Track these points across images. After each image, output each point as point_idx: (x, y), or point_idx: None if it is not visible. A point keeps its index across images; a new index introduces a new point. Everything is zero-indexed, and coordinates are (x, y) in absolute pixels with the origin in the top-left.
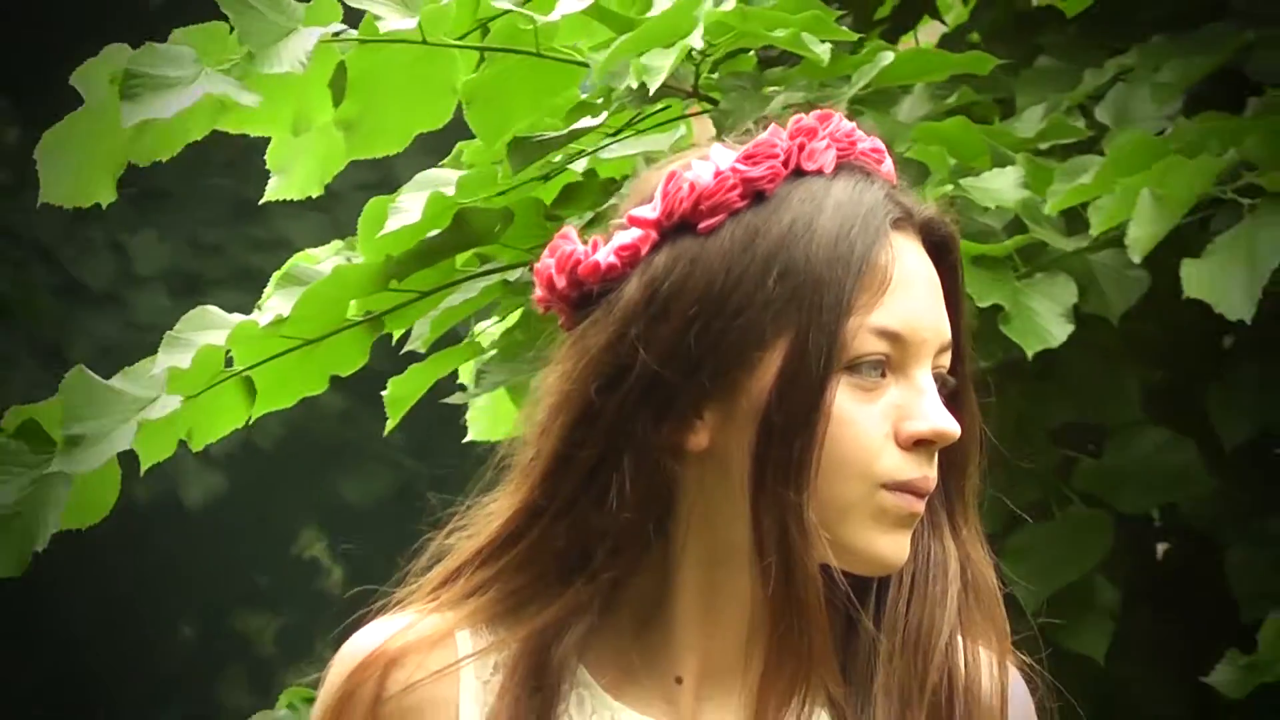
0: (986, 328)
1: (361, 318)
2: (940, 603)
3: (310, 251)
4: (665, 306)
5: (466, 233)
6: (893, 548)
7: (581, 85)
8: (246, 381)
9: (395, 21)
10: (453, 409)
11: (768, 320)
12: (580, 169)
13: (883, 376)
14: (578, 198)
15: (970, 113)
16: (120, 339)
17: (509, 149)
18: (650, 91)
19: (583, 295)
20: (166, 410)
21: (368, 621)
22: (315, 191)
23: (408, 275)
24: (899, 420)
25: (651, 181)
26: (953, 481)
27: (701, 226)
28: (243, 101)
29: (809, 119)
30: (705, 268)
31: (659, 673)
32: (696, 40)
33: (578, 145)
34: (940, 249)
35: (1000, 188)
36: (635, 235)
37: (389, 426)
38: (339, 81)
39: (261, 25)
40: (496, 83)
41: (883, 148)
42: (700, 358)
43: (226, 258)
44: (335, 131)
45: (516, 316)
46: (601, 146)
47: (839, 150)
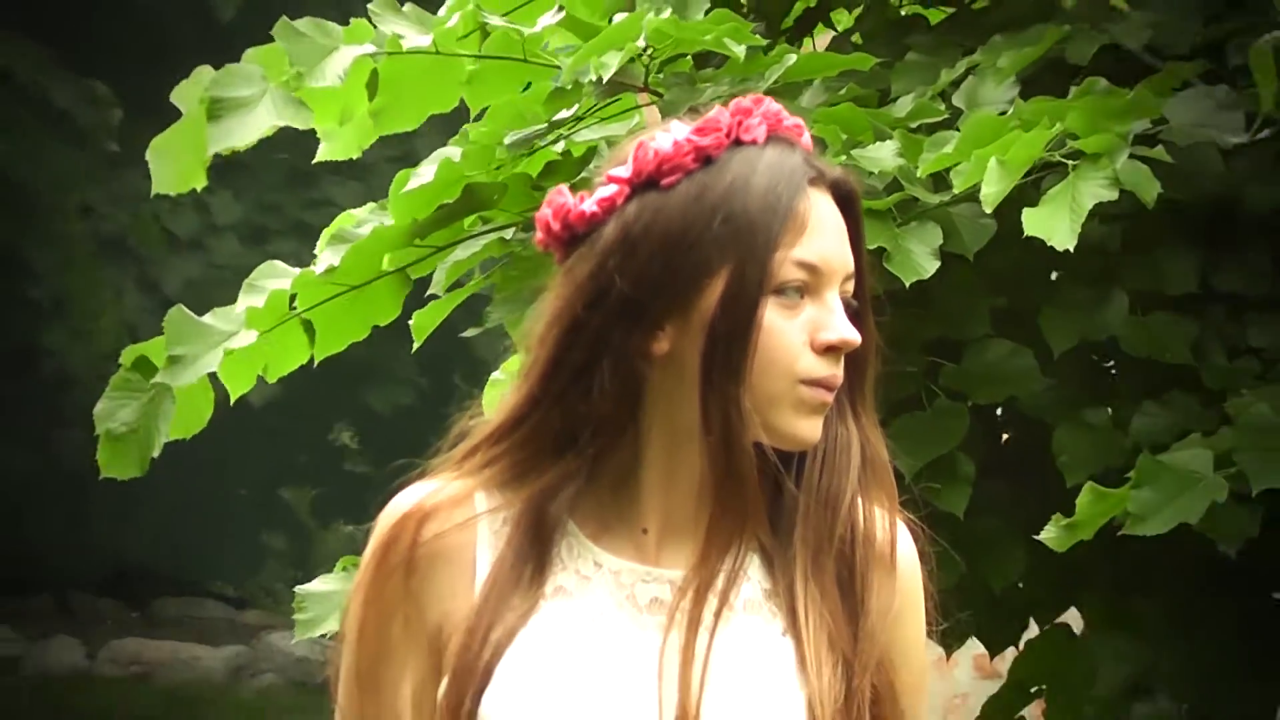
0: (872, 264)
1: (393, 269)
2: (845, 471)
3: (351, 212)
4: (635, 244)
5: (472, 201)
6: (809, 429)
7: (554, 79)
8: (307, 323)
9: (414, 39)
10: (458, 340)
11: (714, 254)
12: (559, 150)
13: (801, 298)
14: (557, 172)
15: (856, 99)
16: (203, 276)
17: (509, 144)
18: (604, 81)
19: (572, 236)
20: (246, 343)
21: (406, 486)
22: (354, 154)
23: (428, 234)
24: (814, 331)
25: (625, 149)
26: (855, 379)
27: (664, 183)
28: (298, 123)
29: (746, 101)
30: (666, 214)
31: (630, 525)
32: (641, 42)
33: (555, 132)
34: (846, 202)
35: (881, 157)
36: (612, 190)
37: (414, 348)
38: (373, 84)
39: (309, 48)
40: (490, 79)
41: (803, 124)
42: (662, 283)
43: (284, 214)
44: (369, 120)
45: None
46: (574, 131)
47: (769, 126)
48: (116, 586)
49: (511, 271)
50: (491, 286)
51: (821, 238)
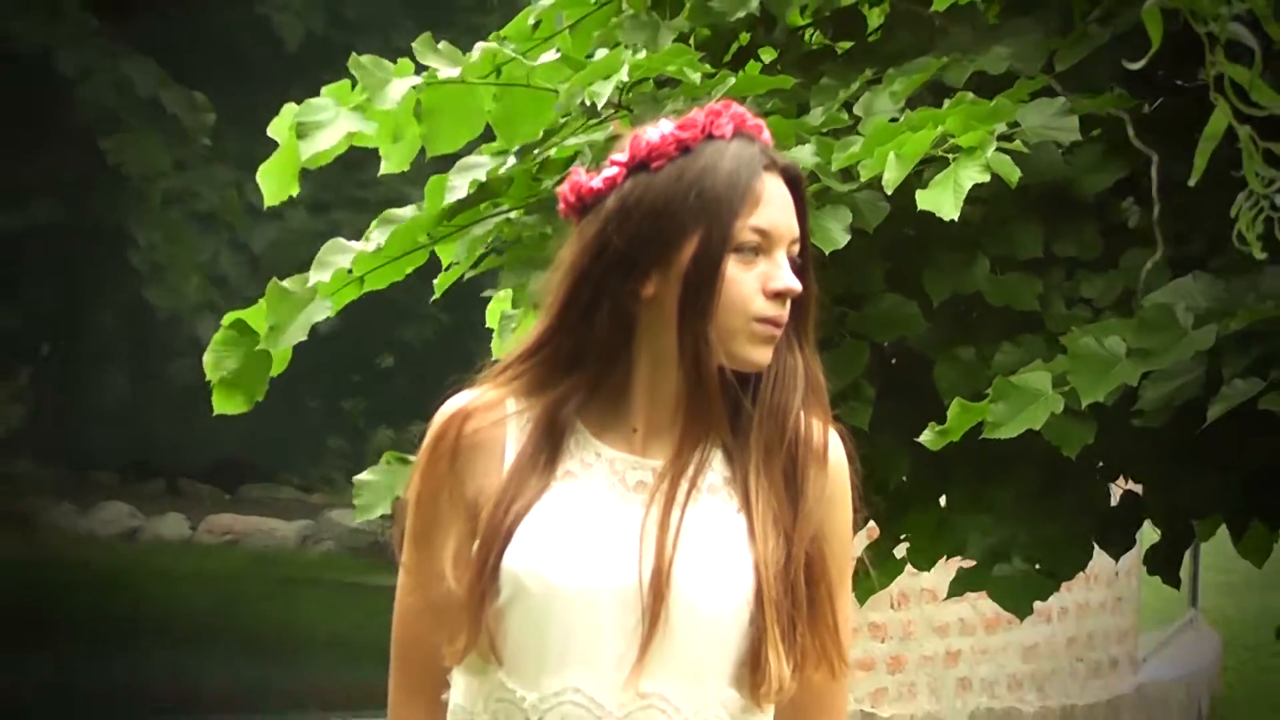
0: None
1: (426, 243)
2: (792, 391)
3: (391, 211)
4: (629, 212)
5: (487, 191)
6: (760, 355)
7: (556, 105)
8: (360, 282)
9: (446, 71)
10: (471, 290)
11: (689, 221)
12: (552, 153)
13: (756, 256)
14: (549, 169)
15: (781, 113)
16: (279, 239)
17: (517, 151)
18: (599, 107)
19: (584, 205)
20: (319, 311)
21: (454, 393)
22: (405, 168)
23: (454, 217)
24: (765, 281)
25: (625, 140)
26: (799, 319)
27: (652, 166)
28: (365, 130)
29: (718, 105)
30: (653, 190)
31: (623, 426)
32: (624, 75)
33: (549, 140)
34: (794, 183)
35: (802, 156)
36: (614, 171)
37: (434, 297)
38: (418, 110)
39: (375, 78)
40: (506, 106)
41: (762, 124)
42: (649, 242)
43: (341, 190)
44: (416, 138)
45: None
46: (563, 139)
47: (735, 124)
48: (214, 475)
49: (517, 248)
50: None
51: (772, 210)
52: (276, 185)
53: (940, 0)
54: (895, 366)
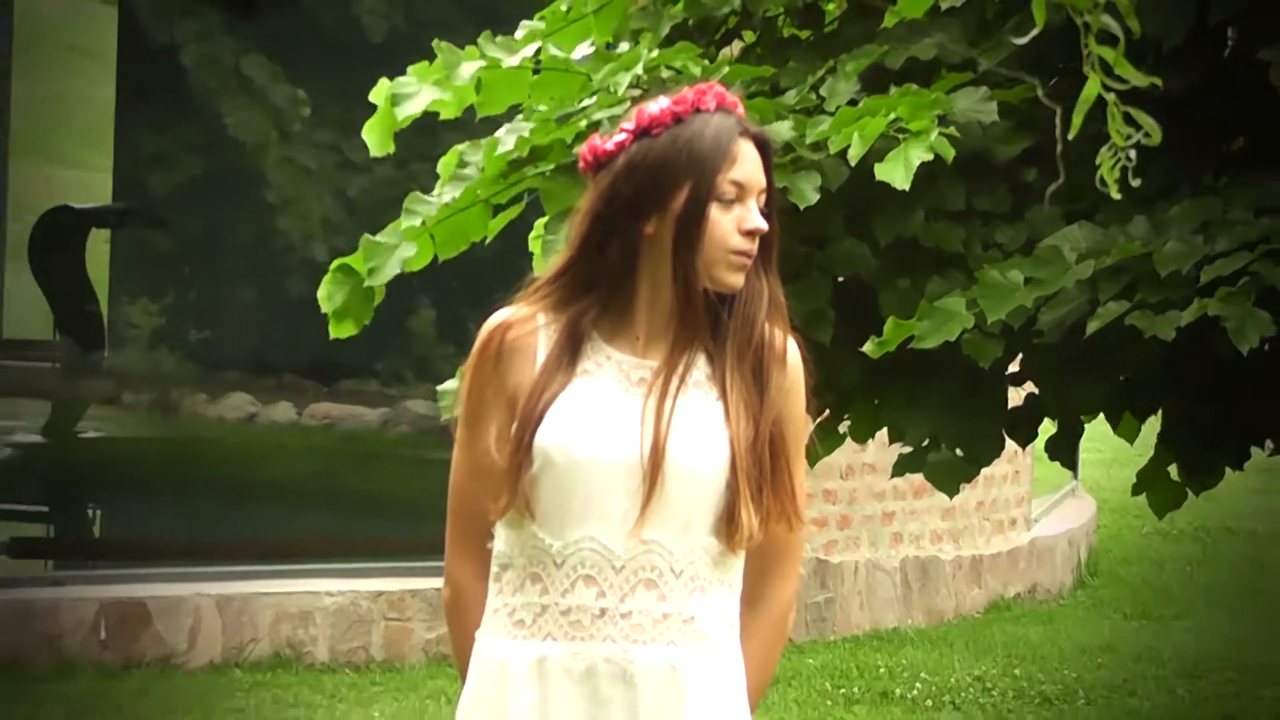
0: (777, 194)
1: (485, 198)
2: (759, 305)
3: (457, 147)
4: (635, 168)
5: (533, 155)
6: (735, 279)
7: (587, 88)
8: (432, 236)
9: (509, 61)
10: (521, 236)
11: (681, 175)
12: (583, 125)
13: (733, 203)
14: (578, 139)
15: (762, 94)
16: (369, 187)
17: (559, 118)
18: (620, 92)
19: (599, 163)
20: (406, 254)
21: (497, 309)
22: (456, 115)
23: (507, 178)
24: (740, 222)
25: (631, 111)
26: (765, 252)
27: (653, 132)
28: (443, 98)
29: (704, 86)
30: (654, 151)
31: (628, 334)
32: (639, 69)
33: (581, 113)
34: (762, 147)
35: (780, 130)
36: (623, 136)
37: (489, 239)
38: (478, 86)
39: (451, 59)
40: (545, 84)
41: (738, 100)
42: (650, 191)
43: (417, 149)
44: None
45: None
46: (591, 114)
47: (717, 100)
48: (316, 372)
49: (551, 200)
50: (533, 205)
51: (746, 167)
52: (377, 140)
53: (888, 18)
54: (850, 295)
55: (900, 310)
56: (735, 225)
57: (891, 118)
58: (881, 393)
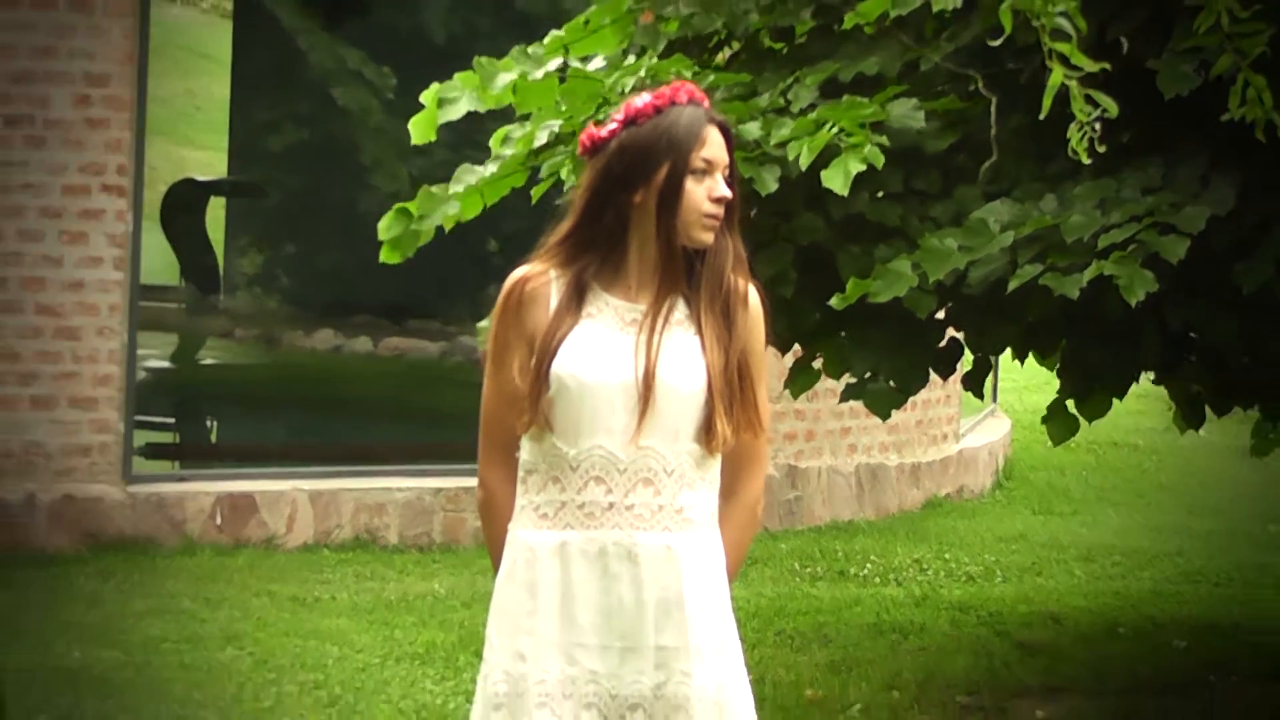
0: (743, 182)
1: (520, 169)
2: (726, 258)
3: (504, 129)
4: (624, 150)
5: (558, 140)
6: (707, 237)
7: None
8: (480, 194)
9: (534, 74)
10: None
11: (662, 155)
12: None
13: (704, 176)
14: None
15: (739, 97)
16: (428, 164)
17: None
18: (624, 91)
19: (595, 147)
20: (450, 210)
21: (519, 265)
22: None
23: (538, 156)
24: (709, 191)
25: (620, 105)
26: (730, 216)
27: (639, 121)
28: (478, 108)
29: (678, 84)
30: (639, 136)
31: (622, 283)
32: (642, 73)
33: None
34: (725, 131)
35: (751, 129)
36: (614, 125)
37: (535, 199)
38: (515, 90)
39: (489, 71)
40: (571, 89)
41: (705, 96)
42: (637, 168)
43: (466, 135)
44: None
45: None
46: (603, 111)
47: (689, 95)
48: (388, 311)
49: (572, 175)
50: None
51: (713, 148)
52: (419, 132)
53: (848, 20)
54: (808, 259)
55: (855, 271)
56: (706, 194)
57: (835, 131)
58: (835, 336)
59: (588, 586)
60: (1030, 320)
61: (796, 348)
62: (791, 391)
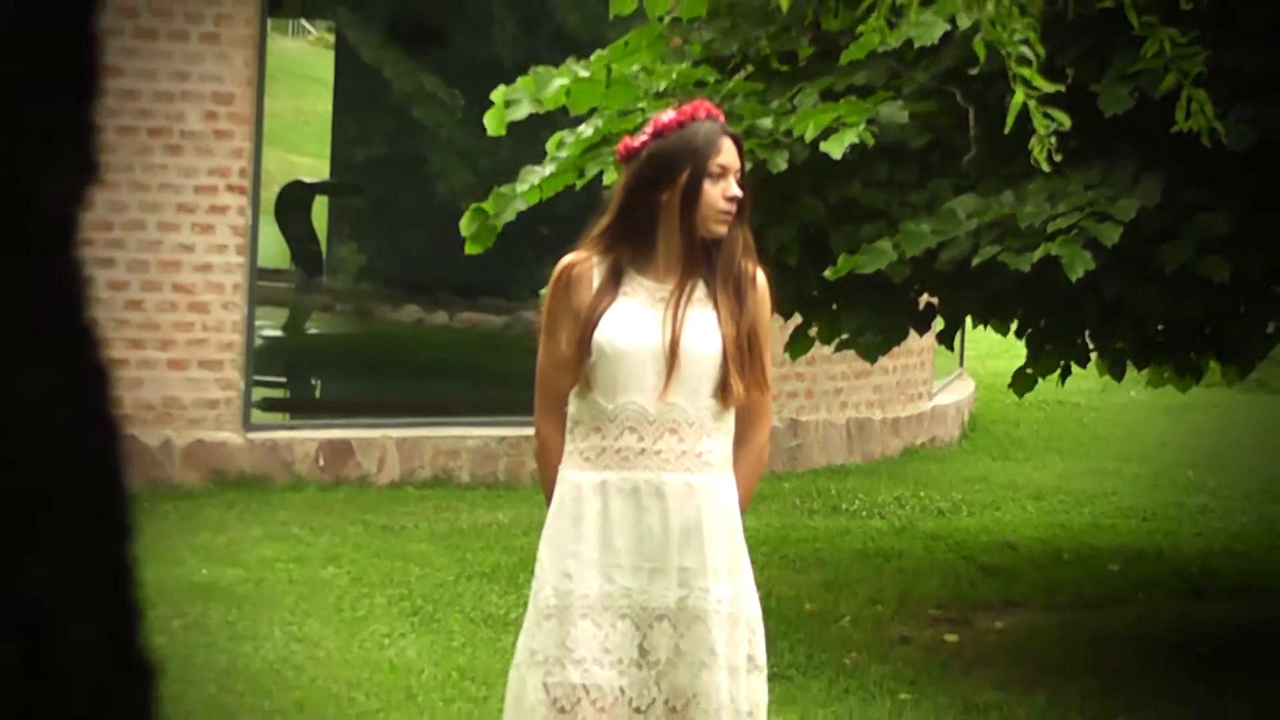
0: (756, 168)
1: (571, 169)
2: (736, 245)
3: (558, 134)
4: (654, 157)
5: (604, 141)
6: (722, 229)
7: (636, 94)
8: (539, 190)
9: (583, 73)
10: (596, 196)
11: (685, 161)
12: (637, 120)
13: (719, 178)
14: (630, 129)
15: (754, 100)
16: (497, 161)
17: (620, 113)
18: (657, 94)
19: (630, 155)
20: (519, 205)
21: (567, 253)
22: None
23: (586, 154)
24: (724, 191)
25: (650, 120)
26: (741, 211)
27: (665, 134)
28: (537, 110)
29: (696, 103)
30: (667, 146)
31: (654, 268)
32: (674, 75)
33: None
34: (737, 142)
35: (765, 123)
36: (645, 136)
37: (580, 186)
38: (569, 93)
39: (544, 78)
40: (614, 91)
41: (720, 112)
42: (664, 173)
43: (524, 135)
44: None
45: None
46: (641, 112)
47: (706, 112)
48: (462, 290)
49: (613, 173)
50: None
51: (726, 155)
52: (493, 126)
53: (844, 56)
54: (809, 235)
55: (846, 247)
56: (721, 194)
57: (835, 116)
58: (827, 307)
59: (623, 517)
60: (990, 292)
61: (796, 316)
62: (790, 354)
